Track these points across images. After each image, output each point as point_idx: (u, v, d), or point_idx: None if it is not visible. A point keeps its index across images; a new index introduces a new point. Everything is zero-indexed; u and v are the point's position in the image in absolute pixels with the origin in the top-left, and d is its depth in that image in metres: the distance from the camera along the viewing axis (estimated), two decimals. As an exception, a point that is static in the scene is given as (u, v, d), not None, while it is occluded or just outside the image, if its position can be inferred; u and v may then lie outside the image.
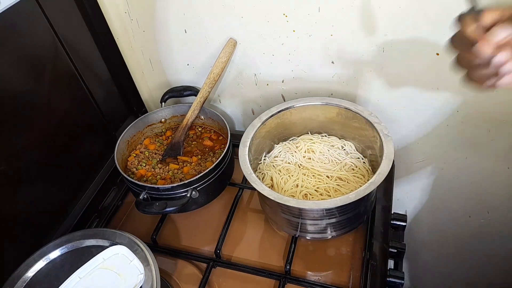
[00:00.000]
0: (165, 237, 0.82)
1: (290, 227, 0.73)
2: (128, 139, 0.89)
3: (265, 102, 0.95)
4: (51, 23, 0.73)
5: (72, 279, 0.60)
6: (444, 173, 0.94)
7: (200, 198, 0.80)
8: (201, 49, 0.88)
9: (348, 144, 0.83)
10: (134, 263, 0.62)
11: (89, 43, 0.85)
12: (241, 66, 0.89)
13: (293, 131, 0.86)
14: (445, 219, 1.06)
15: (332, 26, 0.75)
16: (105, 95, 0.92)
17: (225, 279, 0.74)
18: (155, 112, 0.93)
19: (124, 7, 0.85)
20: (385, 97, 0.84)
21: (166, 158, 0.88)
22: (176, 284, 0.74)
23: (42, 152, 0.74)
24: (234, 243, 0.79)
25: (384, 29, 0.72)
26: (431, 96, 0.79)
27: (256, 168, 0.82)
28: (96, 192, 0.87)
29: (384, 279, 0.69)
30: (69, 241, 0.66)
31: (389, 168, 0.65)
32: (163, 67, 0.96)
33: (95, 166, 0.90)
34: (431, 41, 0.71)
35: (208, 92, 0.88)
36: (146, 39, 0.90)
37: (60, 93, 0.78)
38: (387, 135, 0.71)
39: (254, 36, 0.82)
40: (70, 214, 0.81)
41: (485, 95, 0.75)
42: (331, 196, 0.74)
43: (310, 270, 0.74)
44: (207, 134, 0.94)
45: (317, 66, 0.83)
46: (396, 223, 0.82)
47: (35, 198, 0.74)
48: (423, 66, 0.75)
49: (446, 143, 0.87)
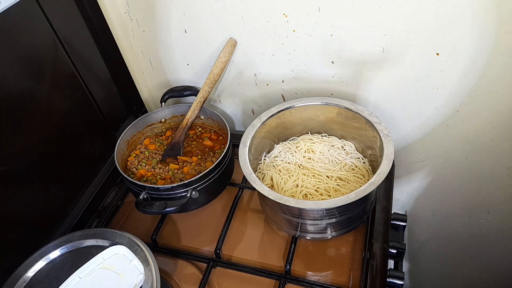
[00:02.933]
0: (165, 237, 0.82)
1: (290, 227, 0.73)
2: (128, 139, 0.89)
3: (265, 102, 0.95)
4: (51, 23, 0.73)
5: (72, 279, 0.60)
6: (444, 173, 0.94)
7: (200, 198, 0.80)
8: (201, 49, 0.88)
9: (348, 144, 0.83)
10: (134, 263, 0.62)
11: (89, 43, 0.85)
12: (241, 66, 0.89)
13: (293, 131, 0.86)
14: (445, 219, 1.06)
15: (332, 26, 0.75)
16: (105, 95, 0.92)
17: (225, 279, 0.74)
18: (155, 112, 0.93)
19: (124, 7, 0.85)
20: (385, 97, 0.84)
21: (166, 158, 0.88)
22: (176, 284, 0.74)
23: (42, 152, 0.74)
24: (234, 243, 0.79)
25: (384, 29, 0.72)
26: (431, 96, 0.79)
27: (256, 168, 0.82)
28: (96, 192, 0.87)
29: (384, 279, 0.69)
30: (69, 241, 0.66)
31: (389, 168, 0.65)
32: (163, 67, 0.96)
33: (95, 166, 0.90)
34: (431, 41, 0.71)
35: (208, 92, 0.88)
36: (146, 39, 0.90)
37: (60, 93, 0.78)
38: (387, 135, 0.71)
39: (254, 36, 0.82)
40: (70, 214, 0.81)
41: (485, 95, 0.75)
42: (331, 196, 0.74)
43: (310, 270, 0.74)
44: (207, 134, 0.94)
45: (317, 66, 0.83)
46: (396, 223, 0.82)
47: (35, 198, 0.74)
48: (423, 66, 0.75)
49: (446, 143, 0.87)
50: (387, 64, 0.77)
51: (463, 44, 0.69)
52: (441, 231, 1.11)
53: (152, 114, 0.93)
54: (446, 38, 0.69)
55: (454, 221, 1.05)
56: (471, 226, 1.03)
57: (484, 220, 0.99)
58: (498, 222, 0.98)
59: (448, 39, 0.69)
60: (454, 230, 1.08)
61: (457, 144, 0.87)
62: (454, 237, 1.10)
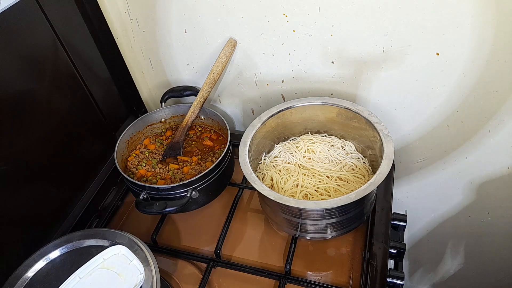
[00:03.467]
0: (165, 237, 0.82)
1: (290, 227, 0.73)
2: (128, 139, 0.89)
3: (265, 102, 0.95)
4: (51, 23, 0.73)
5: (72, 279, 0.60)
6: (444, 173, 0.94)
7: (200, 198, 0.80)
8: (201, 49, 0.88)
9: (348, 144, 0.83)
10: (134, 263, 0.62)
11: (89, 43, 0.85)
12: (241, 66, 0.89)
13: (293, 131, 0.86)
14: (445, 219, 1.06)
15: (332, 26, 0.75)
16: (105, 95, 0.92)
17: (225, 279, 0.74)
18: (155, 112, 0.93)
19: (124, 7, 0.85)
20: (385, 97, 0.84)
21: (166, 158, 0.88)
22: (176, 284, 0.74)
23: (42, 152, 0.74)
24: (234, 243, 0.79)
25: (384, 29, 0.72)
26: (431, 96, 0.79)
27: (256, 168, 0.82)
28: (96, 192, 0.87)
29: (384, 279, 0.69)
30: (69, 241, 0.66)
31: (389, 168, 0.65)
32: (163, 67, 0.96)
33: (95, 166, 0.90)
34: (431, 41, 0.71)
35: (208, 92, 0.88)
36: (146, 39, 0.90)
37: (60, 93, 0.78)
38: (387, 135, 0.71)
39: (254, 36, 0.82)
40: (70, 214, 0.81)
41: (485, 95, 0.75)
42: (331, 196, 0.74)
43: (310, 270, 0.74)
44: (207, 134, 0.94)
45: (317, 66, 0.83)
46: (396, 223, 0.82)
47: (35, 198, 0.74)
48: (423, 66, 0.75)
49: (446, 143, 0.87)
50: (387, 64, 0.77)
51: (463, 44, 0.69)
52: (441, 231, 1.11)
53: (152, 114, 0.93)
54: (446, 38, 0.69)
55: (454, 221, 1.05)
56: (471, 226, 1.03)
57: (484, 220, 0.99)
58: (498, 222, 0.98)
59: (448, 39, 0.69)
60: (454, 230, 1.08)
61: (457, 144, 0.87)
62: (454, 237, 1.10)
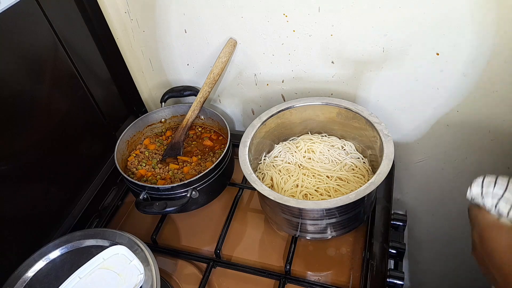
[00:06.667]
0: (165, 237, 0.82)
1: (290, 227, 0.73)
2: (128, 139, 0.89)
3: (265, 102, 0.95)
4: (51, 23, 0.73)
5: (72, 279, 0.60)
6: (444, 173, 0.94)
7: (200, 198, 0.80)
8: (201, 49, 0.88)
9: (348, 144, 0.83)
10: (134, 263, 0.62)
11: (89, 43, 0.85)
12: (241, 66, 0.89)
13: (293, 131, 0.86)
14: (445, 219, 1.06)
15: (332, 26, 0.75)
16: (105, 95, 0.92)
17: (225, 279, 0.74)
18: (155, 112, 0.93)
19: (124, 7, 0.85)
20: (385, 97, 0.84)
21: (166, 158, 0.88)
22: (176, 284, 0.74)
23: (42, 152, 0.74)
24: (234, 243, 0.79)
25: (384, 29, 0.72)
26: (431, 96, 0.79)
27: (256, 168, 0.82)
28: (96, 192, 0.87)
29: (384, 279, 0.69)
30: (69, 241, 0.66)
31: (389, 168, 0.65)
32: (163, 67, 0.96)
33: (95, 166, 0.90)
34: (431, 41, 0.71)
35: (208, 92, 0.88)
36: (146, 39, 0.90)
37: (60, 93, 0.78)
38: (387, 135, 0.71)
39: (254, 36, 0.82)
40: (70, 214, 0.81)
41: (485, 95, 0.75)
42: (331, 196, 0.74)
43: (310, 270, 0.74)
44: (207, 134, 0.94)
45: (317, 66, 0.83)
46: (396, 223, 0.82)
47: (35, 198, 0.74)
48: (423, 66, 0.75)
49: (446, 143, 0.87)
50: (387, 64, 0.77)
51: (463, 44, 0.69)
52: (441, 231, 1.11)
53: (152, 114, 0.93)
54: (446, 38, 0.69)
55: (454, 221, 1.05)
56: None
57: (484, 220, 0.99)
58: (498, 222, 0.97)
59: (448, 39, 0.69)
60: (454, 230, 1.07)
61: (457, 144, 0.87)
62: (454, 237, 1.10)
